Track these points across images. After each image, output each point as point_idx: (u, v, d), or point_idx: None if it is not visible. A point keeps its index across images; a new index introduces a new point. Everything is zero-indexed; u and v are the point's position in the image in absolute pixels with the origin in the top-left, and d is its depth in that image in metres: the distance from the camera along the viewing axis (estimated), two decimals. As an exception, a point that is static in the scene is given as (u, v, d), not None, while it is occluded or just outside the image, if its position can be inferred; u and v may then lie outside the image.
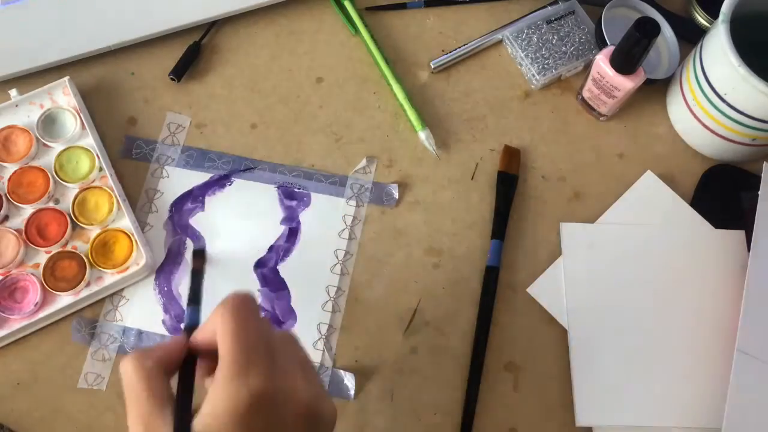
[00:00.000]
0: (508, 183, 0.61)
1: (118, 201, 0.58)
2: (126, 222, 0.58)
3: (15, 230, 0.57)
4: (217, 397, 0.33)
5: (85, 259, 0.56)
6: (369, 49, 0.65)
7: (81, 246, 0.57)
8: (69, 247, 0.57)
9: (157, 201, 0.60)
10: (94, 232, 0.57)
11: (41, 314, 0.55)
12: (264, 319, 0.37)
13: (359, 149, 0.62)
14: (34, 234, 0.57)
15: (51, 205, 0.58)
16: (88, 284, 0.56)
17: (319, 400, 0.36)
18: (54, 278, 0.56)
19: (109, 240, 0.57)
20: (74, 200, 0.58)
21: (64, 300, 0.55)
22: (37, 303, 0.55)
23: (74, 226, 0.58)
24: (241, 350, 0.33)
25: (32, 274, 0.56)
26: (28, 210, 0.58)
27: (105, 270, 0.56)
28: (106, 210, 0.58)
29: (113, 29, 0.64)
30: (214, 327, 0.35)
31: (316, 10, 0.68)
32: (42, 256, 0.57)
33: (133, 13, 0.64)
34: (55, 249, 0.57)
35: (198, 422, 0.33)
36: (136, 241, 0.57)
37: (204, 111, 0.63)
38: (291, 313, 0.57)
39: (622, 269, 0.57)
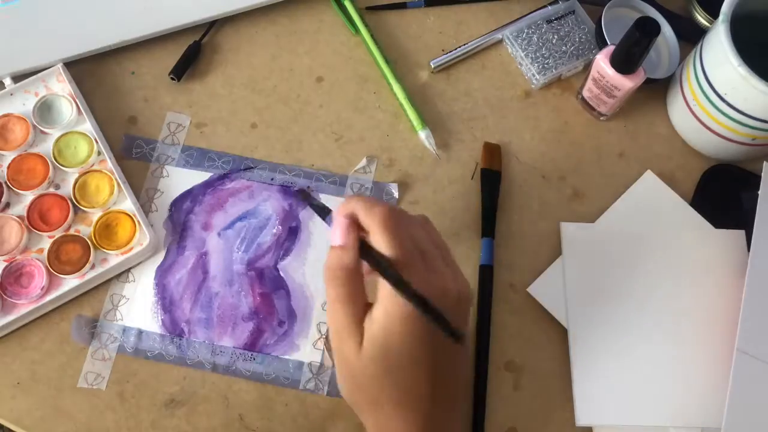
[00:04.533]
0: (492, 179, 0.61)
1: (118, 183, 0.58)
2: (128, 204, 0.58)
3: (17, 217, 0.57)
4: (387, 301, 0.39)
5: (89, 242, 0.56)
6: (369, 48, 0.65)
7: (84, 229, 0.58)
8: (72, 231, 0.57)
9: (157, 200, 0.60)
10: (96, 214, 0.58)
11: (48, 298, 0.55)
12: (407, 218, 0.43)
13: (359, 149, 0.62)
14: (36, 219, 0.57)
15: (51, 190, 0.59)
16: (93, 266, 0.56)
17: (462, 286, 0.42)
18: (59, 262, 0.56)
19: (111, 222, 0.58)
20: (74, 184, 0.58)
21: (70, 283, 0.56)
22: (43, 287, 0.55)
23: (76, 210, 0.58)
24: (400, 260, 0.39)
25: (37, 259, 0.56)
26: (29, 196, 0.58)
27: (109, 252, 0.57)
28: (107, 193, 0.58)
29: (113, 28, 0.64)
30: (365, 224, 0.42)
31: (317, 10, 0.68)
32: (45, 241, 0.57)
33: (133, 12, 0.64)
34: (58, 233, 0.57)
35: (373, 322, 0.40)
36: (138, 221, 0.57)
37: (204, 110, 0.63)
38: (291, 313, 0.57)
39: (622, 269, 0.57)
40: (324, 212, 0.49)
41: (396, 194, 0.60)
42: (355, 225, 0.42)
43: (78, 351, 0.56)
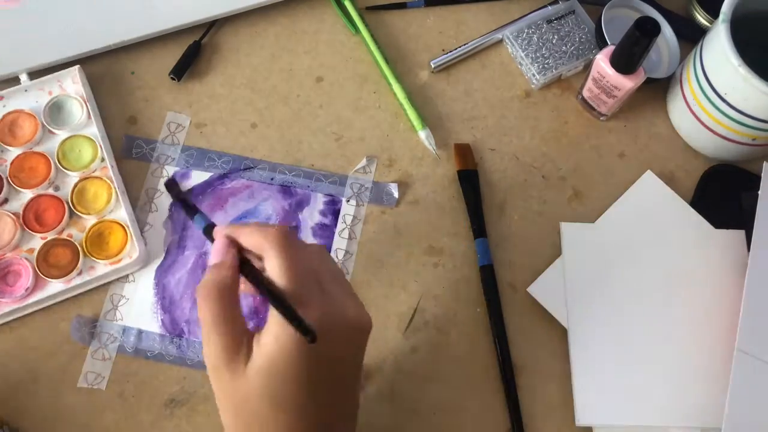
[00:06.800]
0: (471, 179, 0.61)
1: (116, 192, 0.58)
2: (122, 214, 0.58)
3: (13, 214, 0.57)
4: (280, 330, 0.35)
5: (79, 248, 0.56)
6: (369, 48, 0.65)
7: (76, 234, 0.58)
8: (65, 235, 0.57)
9: (157, 200, 0.60)
10: (90, 221, 0.58)
11: (31, 299, 0.55)
12: (303, 245, 0.41)
13: (359, 149, 0.62)
14: (31, 219, 0.57)
15: (51, 191, 0.59)
16: (80, 273, 0.56)
17: (360, 313, 0.40)
18: (47, 264, 0.56)
19: (104, 231, 0.57)
20: (74, 188, 0.58)
21: (55, 287, 0.56)
22: (28, 288, 0.55)
23: (71, 214, 0.58)
24: (296, 286, 0.36)
25: (26, 258, 0.56)
26: (27, 195, 0.58)
27: (98, 260, 0.56)
28: (104, 200, 0.58)
29: (113, 28, 0.64)
30: (259, 245, 0.38)
31: (317, 10, 0.68)
32: (37, 242, 0.57)
33: (133, 12, 0.64)
34: (50, 235, 0.57)
35: (263, 352, 0.36)
36: (131, 233, 0.57)
37: (204, 110, 0.63)
38: (291, 313, 0.57)
39: (622, 269, 0.57)
40: (192, 211, 0.44)
41: (396, 194, 0.60)
42: (235, 243, 0.39)
43: (78, 351, 0.55)
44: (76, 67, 0.62)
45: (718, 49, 0.54)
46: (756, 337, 0.52)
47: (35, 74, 0.62)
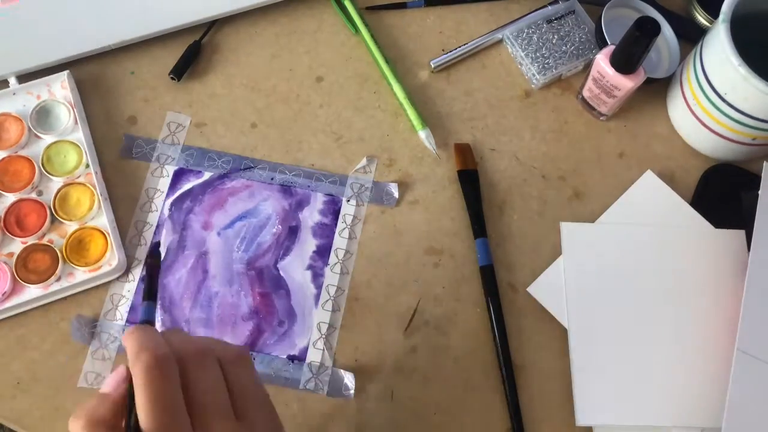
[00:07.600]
0: (472, 179, 0.61)
1: (99, 199, 0.58)
2: (104, 221, 0.58)
3: None
4: None
5: (59, 254, 0.56)
6: (369, 48, 0.65)
7: (57, 240, 0.57)
8: (45, 240, 0.57)
9: (157, 200, 0.60)
10: (71, 227, 0.58)
11: (8, 304, 0.55)
12: (197, 363, 0.35)
13: (359, 148, 0.62)
14: (12, 223, 0.57)
15: (33, 196, 0.58)
16: (58, 279, 0.56)
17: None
18: (25, 269, 0.56)
19: (85, 237, 0.57)
20: (56, 194, 0.58)
21: (32, 292, 0.56)
22: (5, 292, 0.55)
23: (53, 219, 0.58)
24: (156, 427, 0.32)
25: (5, 262, 0.56)
26: (10, 198, 0.58)
27: (77, 267, 0.56)
28: (87, 207, 0.58)
29: (113, 28, 0.64)
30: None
31: (317, 10, 0.68)
32: (17, 246, 0.57)
33: (133, 12, 0.64)
34: (31, 240, 0.57)
35: None
36: (111, 241, 0.57)
37: (204, 110, 0.63)
38: (291, 312, 0.57)
39: (622, 269, 0.57)
40: (148, 296, 0.40)
41: (396, 194, 0.60)
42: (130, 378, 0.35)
43: (78, 351, 0.55)
44: (66, 72, 0.62)
45: (718, 49, 0.54)
46: (756, 337, 0.52)
47: (24, 77, 0.62)
